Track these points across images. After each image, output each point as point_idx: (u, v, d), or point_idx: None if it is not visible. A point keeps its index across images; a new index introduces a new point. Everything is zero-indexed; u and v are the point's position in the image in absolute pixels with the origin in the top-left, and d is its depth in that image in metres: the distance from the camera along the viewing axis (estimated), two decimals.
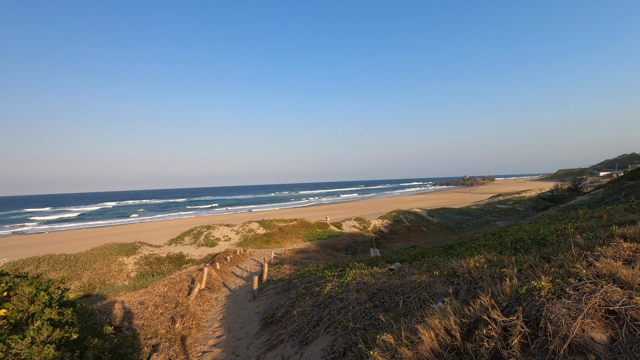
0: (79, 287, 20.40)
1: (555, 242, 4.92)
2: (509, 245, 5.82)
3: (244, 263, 19.45)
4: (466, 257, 5.83)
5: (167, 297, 8.40)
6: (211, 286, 11.17)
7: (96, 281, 22.03)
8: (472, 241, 8.47)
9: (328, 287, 6.02)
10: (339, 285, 5.95)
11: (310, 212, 69.03)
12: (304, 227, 35.49)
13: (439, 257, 7.05)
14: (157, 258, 26.02)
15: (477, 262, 4.11)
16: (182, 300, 8.32)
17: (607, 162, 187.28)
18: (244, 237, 31.27)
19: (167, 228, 53.52)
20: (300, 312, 5.75)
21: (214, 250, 28.42)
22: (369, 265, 8.86)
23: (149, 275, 23.16)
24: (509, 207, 56.06)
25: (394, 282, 4.82)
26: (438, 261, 6.11)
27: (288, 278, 10.20)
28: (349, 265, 8.85)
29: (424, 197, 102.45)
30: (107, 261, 24.44)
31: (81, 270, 22.70)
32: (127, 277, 23.43)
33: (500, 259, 4.24)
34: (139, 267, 24.55)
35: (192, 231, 33.51)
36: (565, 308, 2.37)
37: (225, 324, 7.65)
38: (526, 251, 5.02)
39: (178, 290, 9.22)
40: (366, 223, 39.60)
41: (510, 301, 2.76)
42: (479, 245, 7.00)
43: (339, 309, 4.91)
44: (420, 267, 5.79)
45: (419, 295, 4.01)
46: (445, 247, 9.18)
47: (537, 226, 6.91)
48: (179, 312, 7.36)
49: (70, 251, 27.01)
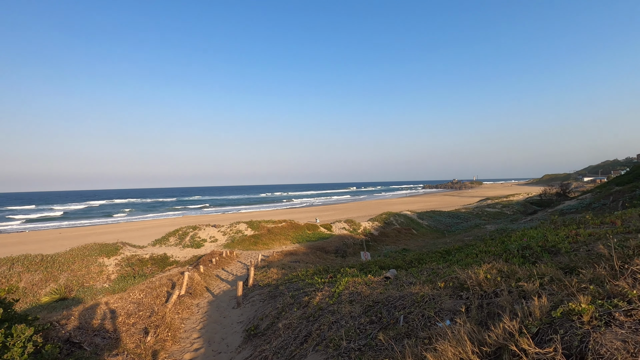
0: (54, 289, 19.31)
1: (569, 251, 4.47)
2: (515, 252, 5.32)
3: (229, 266, 18.71)
4: (471, 266, 5.35)
5: (142, 304, 7.69)
6: (193, 291, 10.47)
7: (74, 283, 20.94)
8: (471, 246, 8.01)
9: (318, 297, 5.44)
10: (330, 295, 5.38)
11: (299, 213, 68.37)
12: (293, 228, 34.83)
13: (437, 263, 6.57)
14: (139, 259, 24.97)
15: (489, 273, 3.61)
16: (159, 308, 7.62)
17: (591, 168, 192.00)
18: (231, 239, 30.43)
19: (153, 228, 52.10)
20: (286, 325, 5.15)
21: (200, 251, 27.51)
22: (362, 271, 8.33)
23: (130, 278, 22.17)
24: (497, 211, 56.51)
25: (392, 294, 4.29)
26: (437, 269, 5.62)
27: (275, 283, 9.59)
28: (340, 271, 8.31)
29: (413, 200, 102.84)
30: (86, 262, 23.31)
31: (58, 272, 21.56)
32: (107, 279, 22.38)
33: (512, 270, 3.75)
34: (120, 269, 23.50)
35: (178, 232, 32.47)
36: (620, 340, 1.87)
37: (205, 335, 7.00)
38: (536, 260, 4.55)
39: (155, 296, 8.50)
40: (356, 225, 39.18)
41: (541, 326, 2.25)
42: (480, 251, 6.52)
43: (330, 323, 4.34)
44: (420, 276, 5.28)
45: (422, 311, 3.48)
46: (442, 253, 8.70)
47: (543, 232, 6.46)
48: (154, 322, 6.67)
49: (49, 251, 25.76)
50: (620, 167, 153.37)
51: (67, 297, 18.72)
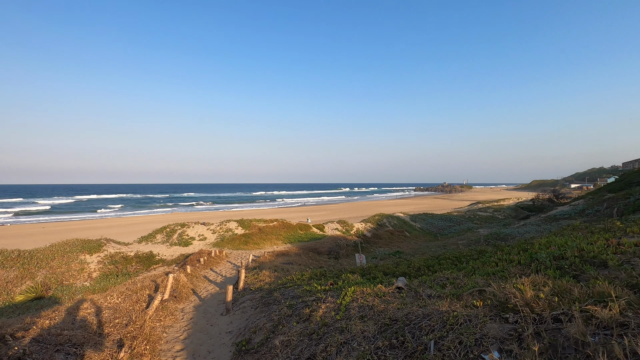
0: (30, 288, 18.11)
1: (619, 264, 3.84)
2: (547, 263, 4.62)
3: (219, 266, 17.84)
4: (493, 276, 4.71)
5: (120, 310, 6.86)
6: (178, 294, 9.64)
7: (52, 281, 19.75)
8: (488, 254, 7.36)
9: (321, 310, 4.68)
10: (335, 307, 4.62)
11: (291, 212, 67.59)
12: (285, 228, 34.03)
13: (451, 272, 5.91)
14: (123, 257, 23.86)
15: (538, 289, 2.95)
16: (138, 315, 6.80)
17: (578, 175, 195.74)
18: (221, 237, 29.46)
19: (141, 224, 50.66)
20: (284, 343, 4.39)
21: (188, 250, 26.50)
22: (364, 276, 7.62)
23: (113, 276, 21.09)
24: (489, 215, 56.67)
25: (412, 311, 3.60)
26: (455, 279, 4.97)
27: (268, 288, 8.83)
28: (340, 276, 7.59)
29: (405, 202, 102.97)
30: (66, 259, 22.13)
31: (36, 269, 20.34)
32: (89, 278, 21.25)
33: (562, 287, 3.09)
34: (102, 267, 22.37)
35: (165, 229, 31.33)
36: None
37: (189, 347, 6.22)
38: (579, 273, 3.91)
39: (135, 300, 7.66)
40: (349, 226, 38.61)
41: None
42: (500, 259, 5.85)
43: (339, 344, 3.62)
44: (437, 287, 4.60)
45: (458, 336, 2.80)
46: (452, 259, 8.01)
47: (574, 239, 5.80)
48: (131, 332, 5.87)
49: (30, 246, 24.44)
50: (606, 174, 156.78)
51: (44, 296, 17.58)
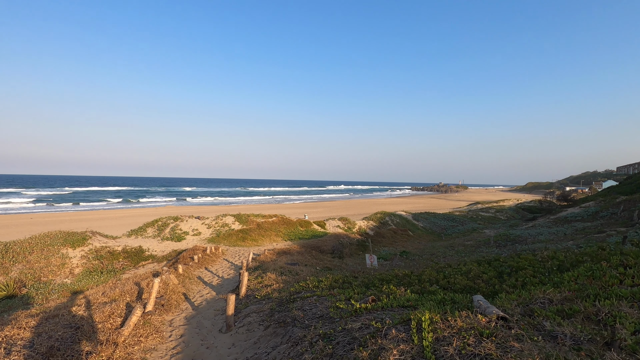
0: (2, 284, 16.20)
1: None
2: None
3: (214, 264, 16.07)
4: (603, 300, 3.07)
5: (85, 328, 5.11)
6: (166, 301, 7.89)
7: (28, 277, 17.78)
8: (586, 263, 5.62)
9: (393, 358, 2.90)
10: (413, 351, 2.86)
11: (289, 208, 65.83)
12: (285, 224, 32.26)
13: (544, 288, 4.22)
14: (110, 252, 21.91)
15: None
16: (110, 334, 5.07)
17: (572, 178, 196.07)
18: (217, 233, 27.61)
19: (133, 217, 48.48)
20: None
21: (181, 245, 24.61)
22: (401, 285, 5.91)
23: (97, 273, 19.17)
24: (491, 215, 55.49)
25: None
26: (568, 300, 3.31)
27: (278, 297, 7.13)
28: (374, 286, 5.87)
29: (403, 201, 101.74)
30: (46, 252, 20.14)
31: (10, 263, 18.37)
32: (70, 274, 19.30)
33: None
34: (86, 262, 20.42)
35: (157, 222, 29.36)
36: None
37: None
38: None
39: (108, 313, 5.91)
40: (351, 224, 36.99)
41: None
42: (586, 275, 4.09)
43: None
44: (567, 321, 2.94)
45: None
46: (495, 274, 6.14)
47: None
48: None
49: (12, 238, 22.45)
50: (600, 178, 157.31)
51: (17, 294, 15.65)
